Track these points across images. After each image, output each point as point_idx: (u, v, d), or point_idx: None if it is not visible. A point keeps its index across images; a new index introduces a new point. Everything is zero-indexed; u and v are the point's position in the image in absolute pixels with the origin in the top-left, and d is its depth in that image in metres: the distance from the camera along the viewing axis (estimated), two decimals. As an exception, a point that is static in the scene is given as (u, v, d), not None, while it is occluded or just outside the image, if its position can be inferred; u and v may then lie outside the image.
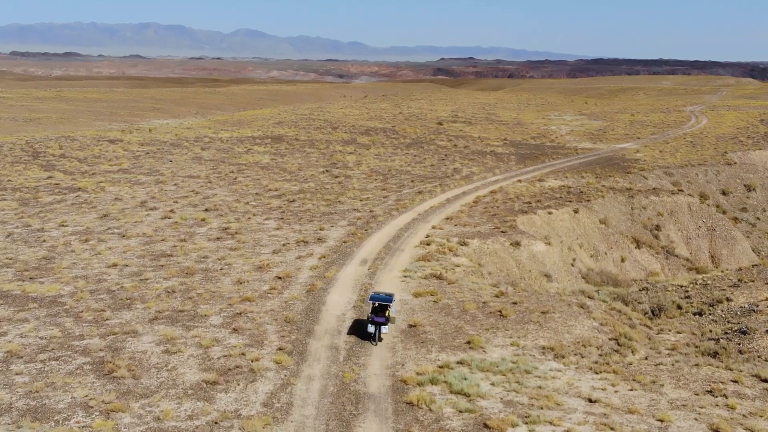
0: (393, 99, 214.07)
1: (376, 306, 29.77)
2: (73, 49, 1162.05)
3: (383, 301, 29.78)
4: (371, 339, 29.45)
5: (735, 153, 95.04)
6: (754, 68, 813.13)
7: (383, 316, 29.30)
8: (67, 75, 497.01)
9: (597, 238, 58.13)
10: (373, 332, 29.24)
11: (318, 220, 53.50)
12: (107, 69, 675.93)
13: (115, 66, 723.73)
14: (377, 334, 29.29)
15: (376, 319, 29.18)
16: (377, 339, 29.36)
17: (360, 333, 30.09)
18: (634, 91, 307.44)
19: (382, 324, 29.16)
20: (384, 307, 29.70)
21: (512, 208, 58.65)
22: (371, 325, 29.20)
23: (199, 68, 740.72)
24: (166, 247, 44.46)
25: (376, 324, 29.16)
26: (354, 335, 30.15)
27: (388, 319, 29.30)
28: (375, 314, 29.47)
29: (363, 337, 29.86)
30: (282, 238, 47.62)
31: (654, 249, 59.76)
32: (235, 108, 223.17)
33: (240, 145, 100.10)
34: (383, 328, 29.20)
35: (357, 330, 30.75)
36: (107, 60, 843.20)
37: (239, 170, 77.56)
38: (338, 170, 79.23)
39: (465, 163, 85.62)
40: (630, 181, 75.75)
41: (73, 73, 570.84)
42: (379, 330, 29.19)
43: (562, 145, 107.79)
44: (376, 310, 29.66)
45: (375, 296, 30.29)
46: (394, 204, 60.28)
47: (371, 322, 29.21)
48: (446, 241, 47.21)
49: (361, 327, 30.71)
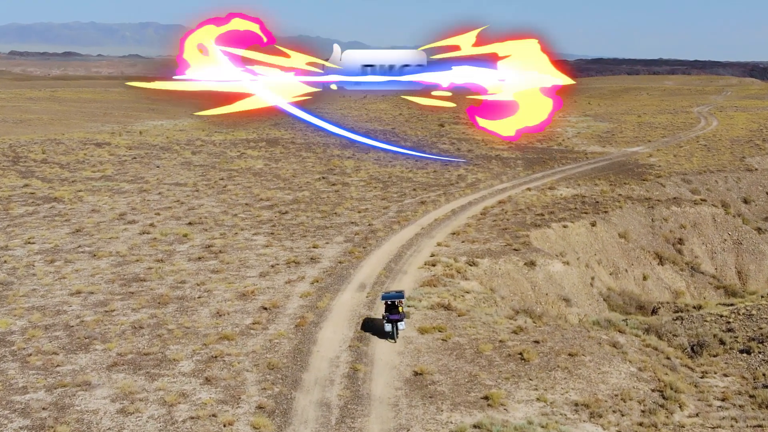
0: (392, 99, 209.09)
1: (389, 304, 30.21)
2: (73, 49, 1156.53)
3: (395, 299, 30.37)
4: (389, 337, 29.95)
5: (753, 158, 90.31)
6: (755, 68, 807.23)
7: (398, 313, 29.88)
8: (65, 75, 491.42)
9: (616, 253, 53.37)
10: (390, 330, 29.87)
11: (312, 235, 48.69)
12: (106, 69, 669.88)
13: (114, 66, 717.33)
14: (395, 332, 29.91)
15: (392, 317, 29.77)
16: (396, 336, 29.94)
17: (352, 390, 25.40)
18: (637, 91, 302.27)
19: (398, 321, 29.78)
20: (396, 305, 30.15)
21: (524, 221, 53.84)
22: (388, 323, 29.85)
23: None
24: (140, 269, 39.64)
25: (393, 322, 29.77)
26: (348, 388, 25.37)
27: (403, 315, 30.03)
28: (390, 313, 29.97)
29: (381, 337, 30.09)
30: (271, 257, 42.80)
31: (678, 265, 55.03)
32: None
33: (233, 148, 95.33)
34: (400, 324, 29.85)
35: (351, 380, 26.01)
36: (106, 60, 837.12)
37: (230, 177, 72.75)
38: (335, 177, 74.44)
39: (470, 169, 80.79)
40: (647, 189, 70.95)
41: (72, 72, 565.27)
42: (396, 327, 29.86)
43: (570, 148, 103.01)
44: (389, 308, 30.12)
45: (386, 295, 31.07)
46: (395, 216, 55.49)
47: (387, 320, 29.86)
48: (453, 261, 42.41)
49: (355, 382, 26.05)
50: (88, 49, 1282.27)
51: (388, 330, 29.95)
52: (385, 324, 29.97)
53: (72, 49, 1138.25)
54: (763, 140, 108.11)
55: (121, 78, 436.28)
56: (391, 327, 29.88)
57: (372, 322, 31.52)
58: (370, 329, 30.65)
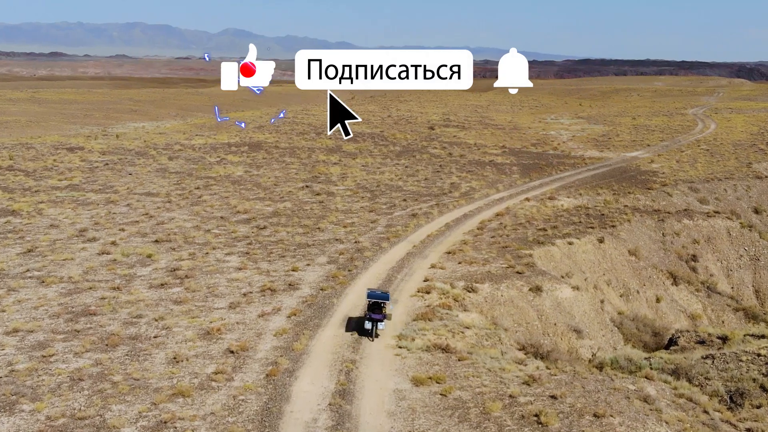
0: (381, 101, 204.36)
1: (372, 303, 30.41)
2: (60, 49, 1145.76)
3: (379, 299, 30.63)
4: (368, 335, 30.24)
5: (760, 164, 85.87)
6: (741, 68, 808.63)
7: (380, 313, 30.08)
8: (51, 75, 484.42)
9: (627, 273, 48.68)
10: (369, 328, 30.13)
11: (292, 255, 43.74)
12: (93, 69, 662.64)
13: (101, 66, 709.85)
14: (374, 331, 30.14)
15: (374, 316, 30.03)
16: (374, 335, 30.19)
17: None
18: (627, 92, 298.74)
19: (378, 320, 29.95)
20: (379, 305, 30.33)
21: (525, 237, 49.09)
22: (368, 321, 30.11)
23: (186, 68, 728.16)
24: (92, 300, 34.61)
25: (373, 320, 30.00)
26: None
27: (384, 316, 30.19)
28: (372, 311, 30.24)
29: (360, 334, 30.44)
30: (244, 283, 37.86)
31: (693, 285, 50.41)
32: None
33: (213, 153, 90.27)
34: (380, 324, 30.02)
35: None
36: (93, 60, 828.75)
37: (206, 186, 67.69)
38: (320, 185, 69.49)
39: (463, 177, 76.03)
40: (653, 199, 66.33)
41: (59, 73, 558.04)
42: (376, 326, 30.04)
43: (566, 153, 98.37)
44: (372, 308, 30.35)
45: (372, 293, 31.32)
46: (384, 231, 50.65)
47: (368, 319, 30.11)
48: (450, 287, 37.60)
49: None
50: (75, 50, 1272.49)
51: (367, 328, 30.20)
52: (366, 322, 30.24)
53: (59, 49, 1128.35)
54: (767, 144, 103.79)
55: (108, 78, 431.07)
56: (371, 325, 30.12)
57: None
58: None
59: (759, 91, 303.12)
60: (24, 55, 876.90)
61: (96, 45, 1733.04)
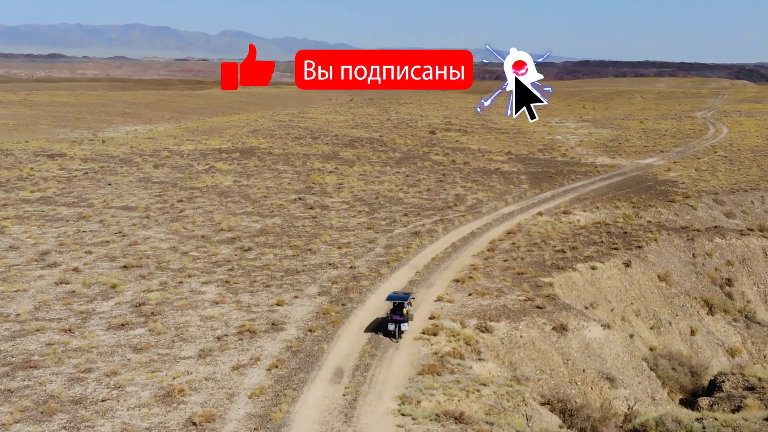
0: (380, 103, 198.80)
1: (395, 305, 30.76)
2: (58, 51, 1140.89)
3: (400, 300, 31.05)
4: (392, 336, 30.55)
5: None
6: (741, 70, 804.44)
7: (401, 314, 30.43)
8: (49, 77, 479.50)
9: (657, 301, 43.21)
10: (392, 329, 30.51)
11: (278, 284, 38.27)
12: (91, 70, 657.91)
13: (99, 67, 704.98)
14: (397, 332, 30.47)
15: (395, 318, 30.43)
16: (398, 336, 30.50)
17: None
18: (630, 94, 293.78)
19: (401, 322, 30.35)
20: (402, 306, 30.62)
21: (542, 261, 43.63)
22: (391, 323, 30.53)
23: (185, 70, 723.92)
24: (36, 346, 29.16)
25: (396, 322, 30.38)
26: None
27: (406, 318, 30.55)
28: (394, 313, 30.66)
29: (385, 335, 30.70)
30: (220, 322, 32.41)
31: (730, 314, 44.98)
32: (212, 112, 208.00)
33: (202, 160, 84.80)
34: (403, 325, 30.45)
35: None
36: (92, 61, 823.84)
37: (190, 198, 62.23)
38: (314, 197, 64.05)
39: (468, 187, 70.58)
40: (676, 213, 60.97)
41: (57, 74, 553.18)
42: (399, 327, 30.39)
43: (576, 160, 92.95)
44: (394, 309, 30.76)
45: (393, 296, 31.86)
46: (383, 253, 45.20)
47: (391, 320, 30.54)
48: (460, 326, 32.16)
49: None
50: (73, 51, 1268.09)
51: (390, 329, 30.63)
52: (389, 324, 30.71)
53: (58, 50, 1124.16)
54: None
55: (106, 80, 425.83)
56: (393, 327, 30.58)
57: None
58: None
59: (764, 93, 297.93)
60: (23, 56, 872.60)
61: (95, 47, 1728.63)
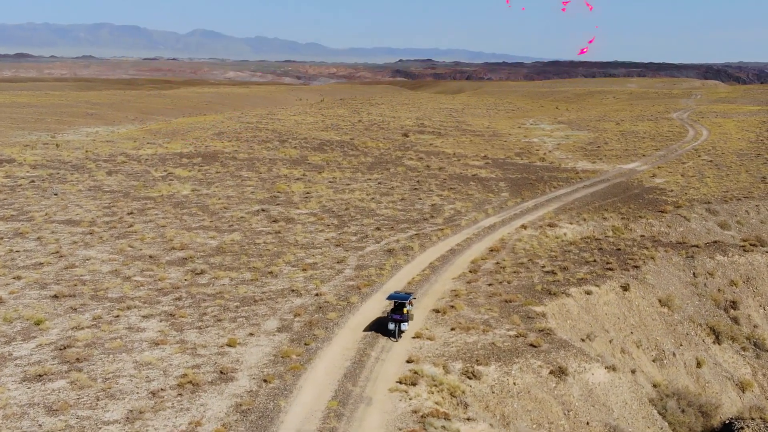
0: (351, 104, 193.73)
1: (396, 305, 30.83)
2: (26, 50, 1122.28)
3: (401, 299, 31.03)
4: (391, 335, 30.62)
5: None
6: (709, 70, 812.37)
7: (401, 314, 30.60)
8: (15, 76, 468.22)
9: (659, 329, 38.71)
10: (392, 329, 30.61)
11: (231, 317, 33.17)
12: (59, 70, 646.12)
13: (66, 67, 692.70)
14: (397, 331, 30.59)
15: (395, 317, 30.56)
16: (397, 335, 30.61)
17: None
18: (602, 94, 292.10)
19: (401, 321, 30.55)
20: (402, 305, 30.64)
21: (531, 285, 38.95)
22: (391, 323, 30.68)
23: (154, 69, 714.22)
24: (-72, 408, 23.84)
25: (396, 321, 30.53)
26: None
27: (406, 317, 30.69)
28: (394, 313, 30.74)
29: (384, 334, 30.28)
30: (158, 370, 27.25)
31: (737, 342, 40.64)
32: (178, 113, 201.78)
33: (160, 166, 79.29)
34: (403, 325, 30.66)
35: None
36: (59, 61, 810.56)
37: (142, 210, 56.84)
38: (279, 208, 58.94)
39: (445, 196, 65.83)
40: (668, 224, 56.72)
41: (24, 74, 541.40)
42: (399, 327, 30.57)
43: (556, 165, 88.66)
44: (395, 309, 30.79)
45: (394, 295, 31.77)
46: (353, 276, 40.26)
47: (391, 320, 30.69)
48: (443, 371, 27.36)
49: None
50: (41, 50, 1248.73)
51: (391, 329, 30.62)
52: (389, 323, 30.70)
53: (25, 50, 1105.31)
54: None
55: (73, 80, 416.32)
56: (393, 326, 30.56)
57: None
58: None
59: (735, 93, 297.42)
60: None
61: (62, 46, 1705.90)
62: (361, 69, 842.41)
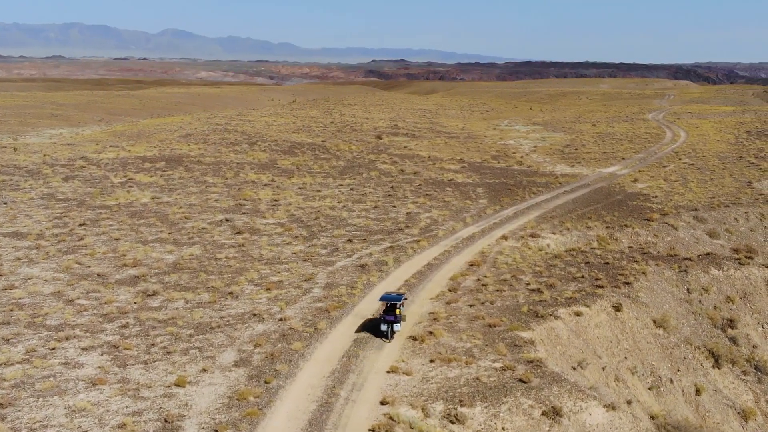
0: (324, 104, 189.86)
1: (388, 306, 30.60)
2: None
3: (393, 301, 30.76)
4: (384, 336, 30.49)
5: (761, 182, 74.30)
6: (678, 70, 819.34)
7: (394, 315, 30.43)
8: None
9: (655, 353, 35.64)
10: (385, 330, 30.37)
11: (182, 349, 29.48)
12: (28, 70, 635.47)
13: (36, 67, 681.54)
14: (390, 332, 30.42)
15: (387, 318, 30.40)
16: (390, 336, 30.51)
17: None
18: (575, 95, 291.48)
19: (393, 322, 30.41)
20: (395, 307, 30.53)
21: (515, 306, 35.68)
22: (384, 323, 30.49)
23: (124, 69, 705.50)
24: None
25: (388, 322, 30.39)
26: None
27: (399, 318, 30.61)
28: (386, 314, 30.45)
29: (376, 335, 29.73)
30: (92, 418, 23.50)
31: (737, 365, 37.70)
32: (147, 114, 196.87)
33: (121, 171, 75.17)
34: (395, 326, 30.52)
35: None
36: (29, 61, 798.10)
37: (96, 220, 52.87)
38: (244, 218, 55.25)
39: (420, 203, 62.48)
40: (655, 234, 53.81)
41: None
42: (392, 328, 30.46)
43: (534, 169, 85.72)
44: (387, 310, 30.50)
45: (386, 296, 31.44)
46: (322, 296, 36.74)
47: (384, 321, 30.46)
48: (422, 415, 23.96)
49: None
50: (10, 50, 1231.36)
51: (383, 329, 30.45)
52: (381, 324, 30.50)
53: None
54: (755, 156, 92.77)
55: (41, 80, 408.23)
56: (386, 327, 30.42)
57: None
58: None
59: (708, 93, 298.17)
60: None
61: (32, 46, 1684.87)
62: (335, 69, 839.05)
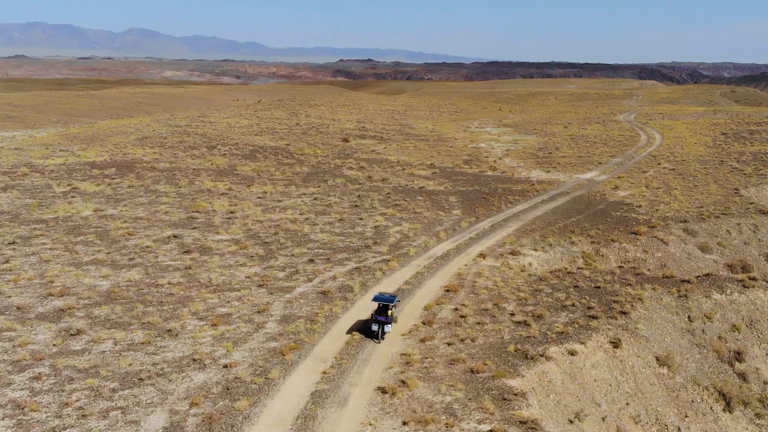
0: (290, 105, 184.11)
1: (380, 306, 30.60)
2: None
3: (386, 302, 30.82)
4: (374, 337, 30.41)
5: (748, 189, 70.44)
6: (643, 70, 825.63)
7: (385, 315, 30.31)
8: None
9: (659, 397, 31.08)
10: (376, 330, 30.28)
11: (101, 410, 24.21)
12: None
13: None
14: (380, 333, 30.32)
15: (379, 318, 30.29)
16: (380, 337, 30.43)
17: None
18: (543, 95, 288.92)
19: (384, 323, 30.29)
20: (387, 308, 30.44)
21: (501, 344, 30.86)
22: (375, 324, 30.40)
23: (88, 69, 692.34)
24: None
25: (380, 323, 30.27)
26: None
27: (390, 319, 30.50)
28: (378, 314, 30.40)
29: (367, 335, 29.05)
30: None
31: (750, 406, 33.28)
32: (105, 115, 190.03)
33: (65, 179, 69.30)
34: (386, 327, 30.41)
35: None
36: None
37: (28, 238, 47.23)
38: (194, 233, 49.92)
39: (389, 215, 57.58)
40: (644, 249, 49.43)
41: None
42: (383, 329, 30.36)
43: (509, 175, 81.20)
44: (379, 310, 30.48)
45: (379, 297, 31.34)
46: (276, 333, 31.64)
47: (375, 321, 30.35)
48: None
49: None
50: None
51: (374, 330, 30.43)
52: (372, 324, 30.59)
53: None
54: (736, 160, 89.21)
55: (2, 80, 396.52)
56: (377, 327, 30.39)
57: None
58: None
59: (676, 93, 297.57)
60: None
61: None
62: (302, 69, 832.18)
